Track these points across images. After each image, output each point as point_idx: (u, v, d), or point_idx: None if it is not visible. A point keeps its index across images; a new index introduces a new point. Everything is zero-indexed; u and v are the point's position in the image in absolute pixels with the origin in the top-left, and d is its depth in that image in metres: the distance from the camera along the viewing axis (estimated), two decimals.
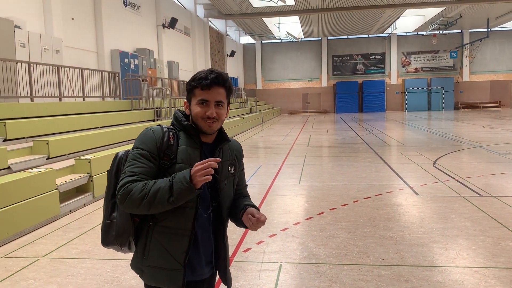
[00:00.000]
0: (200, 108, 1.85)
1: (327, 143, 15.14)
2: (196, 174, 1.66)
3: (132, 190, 1.70)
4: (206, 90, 1.84)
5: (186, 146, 1.85)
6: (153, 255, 1.83)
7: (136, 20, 18.45)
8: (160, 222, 1.82)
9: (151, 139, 1.81)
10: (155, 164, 1.79)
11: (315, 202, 6.61)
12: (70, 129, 9.22)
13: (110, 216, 1.87)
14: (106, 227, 1.88)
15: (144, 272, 1.86)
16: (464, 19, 31.55)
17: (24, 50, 10.38)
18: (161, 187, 1.69)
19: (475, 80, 38.26)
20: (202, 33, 27.92)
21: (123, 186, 1.73)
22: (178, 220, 1.81)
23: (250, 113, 26.92)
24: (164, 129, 1.86)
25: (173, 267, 1.82)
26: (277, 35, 36.69)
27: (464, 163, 9.88)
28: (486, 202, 6.19)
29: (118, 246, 1.87)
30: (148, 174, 1.77)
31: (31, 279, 4.01)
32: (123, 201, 1.72)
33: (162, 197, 1.68)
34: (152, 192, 1.68)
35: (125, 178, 1.75)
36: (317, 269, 4.02)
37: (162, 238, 1.82)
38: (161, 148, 1.80)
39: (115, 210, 1.86)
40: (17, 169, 6.45)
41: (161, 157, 1.80)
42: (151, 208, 1.71)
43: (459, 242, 4.62)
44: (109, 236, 1.86)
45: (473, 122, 22.19)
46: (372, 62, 39.54)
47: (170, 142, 1.82)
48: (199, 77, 1.85)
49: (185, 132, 1.88)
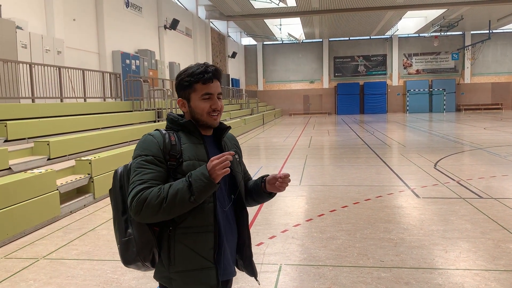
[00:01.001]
0: (205, 103, 1.82)
1: (328, 145, 15.13)
2: (215, 168, 1.63)
3: (147, 198, 1.65)
4: (209, 83, 1.82)
5: (189, 143, 1.82)
6: (180, 259, 1.77)
7: (138, 21, 18.48)
8: (180, 224, 1.76)
9: (153, 144, 1.77)
10: (163, 168, 1.75)
11: (316, 203, 6.61)
12: (71, 130, 9.24)
13: (126, 233, 1.79)
14: (125, 246, 1.78)
15: (173, 279, 1.78)
16: (466, 21, 31.54)
17: (25, 51, 10.41)
18: (179, 188, 1.65)
19: (477, 82, 38.23)
20: (204, 34, 27.95)
21: (136, 196, 1.66)
22: (198, 217, 1.76)
23: (251, 114, 26.93)
24: (162, 132, 1.84)
25: (204, 266, 1.77)
26: (279, 36, 36.73)
27: (465, 165, 9.87)
28: (486, 204, 6.18)
29: (142, 262, 1.78)
30: (158, 179, 1.72)
31: (31, 280, 4.01)
32: (139, 211, 1.66)
33: (182, 198, 1.64)
34: (171, 195, 1.64)
35: (135, 188, 1.68)
36: (317, 271, 4.02)
37: (186, 240, 1.76)
38: (165, 150, 1.76)
39: (130, 225, 1.78)
40: (17, 170, 6.47)
41: (167, 159, 1.76)
42: (172, 212, 1.67)
43: (460, 244, 4.61)
44: (130, 253, 1.77)
45: (474, 124, 22.17)
46: (373, 64, 39.55)
47: (173, 142, 1.79)
48: (197, 72, 1.81)
49: (184, 130, 1.86)
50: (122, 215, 1.80)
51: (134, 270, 1.92)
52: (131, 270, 4.10)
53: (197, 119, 1.86)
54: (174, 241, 1.77)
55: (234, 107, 26.45)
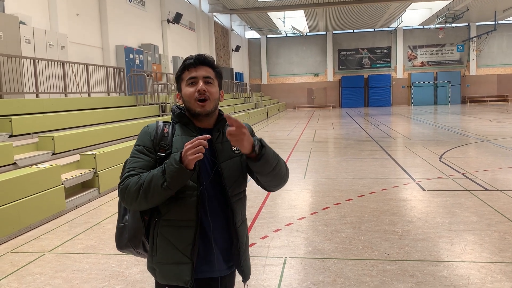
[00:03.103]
0: (190, 88, 1.80)
1: (332, 138, 15.09)
2: (187, 153, 1.60)
3: (129, 185, 1.69)
4: (192, 69, 1.81)
5: (181, 135, 1.81)
6: (161, 251, 1.77)
7: (141, 16, 18.44)
8: (164, 216, 1.76)
9: (145, 134, 1.82)
10: (152, 158, 1.78)
11: (320, 197, 6.60)
12: (76, 124, 9.26)
13: (123, 219, 1.87)
14: (120, 231, 1.87)
15: (156, 270, 1.80)
16: (471, 12, 31.25)
17: (29, 46, 10.41)
18: (154, 174, 1.65)
19: (482, 74, 37.95)
20: (207, 28, 27.87)
21: (122, 183, 1.72)
22: (180, 211, 1.74)
23: (255, 108, 26.89)
24: (158, 123, 1.86)
25: (180, 261, 1.74)
26: (282, 29, 36.58)
27: (471, 157, 9.81)
28: (492, 197, 6.14)
29: (133, 248, 1.85)
30: (145, 167, 1.75)
31: (37, 274, 4.03)
32: (123, 197, 1.71)
33: (156, 184, 1.63)
34: (147, 182, 1.65)
35: (124, 175, 1.75)
36: (322, 264, 4.02)
37: (167, 232, 1.76)
38: (155, 141, 1.79)
39: (127, 212, 1.86)
40: (23, 165, 6.49)
41: (157, 150, 1.79)
42: (149, 199, 1.66)
43: (465, 236, 4.59)
44: (123, 239, 1.85)
45: (479, 116, 22.03)
46: (378, 56, 39.33)
47: (164, 133, 1.81)
48: (182, 64, 1.86)
49: (180, 122, 1.86)
50: None
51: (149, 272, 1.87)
52: (136, 264, 4.12)
53: (188, 108, 1.84)
54: (157, 233, 1.78)
55: (238, 101, 26.41)
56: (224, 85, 26.55)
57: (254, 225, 5.26)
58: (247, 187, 1.98)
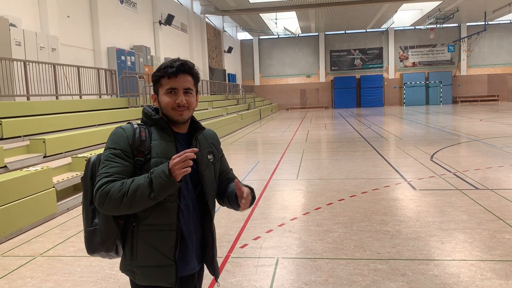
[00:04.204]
0: (169, 98, 1.81)
1: (325, 139, 15.14)
2: (175, 167, 1.62)
3: (110, 191, 1.66)
4: (173, 78, 1.80)
5: (160, 140, 1.81)
6: (142, 254, 1.79)
7: (133, 17, 18.39)
8: (143, 221, 1.78)
9: (122, 138, 1.78)
10: (130, 163, 1.75)
11: (313, 197, 6.62)
12: (67, 127, 9.21)
13: (92, 222, 1.81)
14: (90, 235, 1.81)
15: (135, 273, 1.83)
16: (461, 13, 31.51)
17: (19, 48, 10.34)
18: (140, 184, 1.65)
19: (473, 74, 38.26)
20: (199, 30, 27.84)
21: (100, 188, 1.68)
22: (161, 216, 1.77)
23: (248, 109, 26.89)
24: (134, 126, 1.83)
25: (164, 264, 1.79)
26: (274, 30, 36.64)
27: (462, 156, 9.90)
28: (483, 195, 6.20)
29: (105, 252, 1.82)
30: (124, 173, 1.73)
31: (28, 277, 4.01)
32: (102, 203, 1.68)
33: (142, 194, 1.64)
34: (132, 190, 1.64)
35: (101, 180, 1.70)
36: (314, 263, 4.03)
37: (148, 236, 1.78)
38: (133, 145, 1.76)
39: (96, 215, 1.81)
40: (13, 168, 6.45)
41: (135, 154, 1.76)
42: (132, 207, 1.67)
43: (456, 235, 4.63)
44: (94, 243, 1.80)
45: (470, 116, 22.21)
46: (369, 57, 39.52)
47: (143, 138, 1.79)
48: (164, 66, 1.82)
49: (156, 126, 1.85)
50: (90, 204, 1.81)
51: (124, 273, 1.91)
52: None
53: (164, 114, 1.85)
54: (136, 237, 1.79)
55: (231, 102, 26.40)
56: (217, 87, 26.55)
57: (247, 226, 5.27)
58: None
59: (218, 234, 4.99)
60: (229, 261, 4.17)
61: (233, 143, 14.70)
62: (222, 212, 5.90)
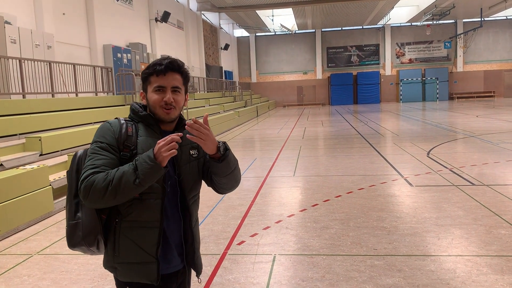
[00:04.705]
0: (157, 95, 1.81)
1: (322, 135, 15.15)
2: (161, 150, 1.63)
3: (95, 181, 1.64)
4: (161, 76, 1.81)
5: (146, 136, 1.81)
6: (124, 251, 1.79)
7: (129, 14, 18.32)
8: (126, 217, 1.78)
9: (109, 132, 1.78)
10: (116, 156, 1.75)
11: (310, 194, 6.63)
12: (63, 125, 9.18)
13: (75, 216, 1.79)
14: (72, 228, 1.79)
15: (117, 269, 1.83)
16: (458, 9, 31.53)
17: (15, 46, 10.29)
18: (125, 171, 1.64)
19: (469, 70, 38.34)
20: (196, 27, 27.77)
21: (85, 179, 1.66)
22: (145, 212, 1.77)
23: (245, 106, 26.88)
24: (121, 121, 1.83)
25: (146, 260, 1.79)
26: (271, 27, 36.58)
27: (458, 153, 9.93)
28: (479, 191, 6.23)
29: (86, 246, 1.79)
30: (110, 165, 1.72)
31: (25, 275, 4.00)
32: (87, 195, 1.65)
33: (127, 181, 1.63)
34: (117, 178, 1.63)
35: (86, 172, 1.69)
36: (311, 260, 4.04)
37: (131, 233, 1.78)
38: (120, 140, 1.77)
39: (80, 209, 1.79)
40: (9, 166, 6.42)
41: (121, 149, 1.77)
42: (118, 196, 1.65)
43: (452, 231, 4.65)
44: (76, 237, 1.78)
45: (467, 112, 22.27)
46: (366, 54, 39.52)
47: (129, 133, 1.79)
48: (153, 64, 1.83)
49: (143, 122, 1.85)
50: (74, 198, 1.80)
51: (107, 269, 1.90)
52: None
53: (152, 112, 1.85)
54: (119, 233, 1.79)
55: (227, 99, 26.37)
56: (214, 84, 26.51)
57: (244, 223, 5.28)
58: (239, 186, 2.04)
59: (215, 231, 5.00)
60: (226, 258, 4.17)
61: (230, 140, 14.69)
62: (219, 210, 5.91)
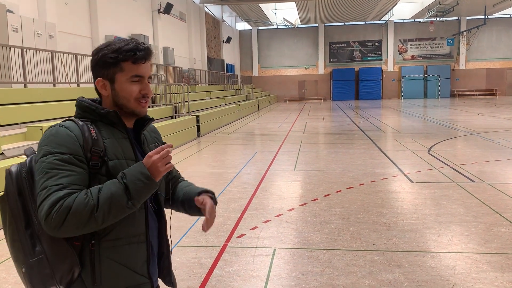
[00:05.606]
0: (134, 86, 1.52)
1: (322, 130, 15.15)
2: (157, 164, 1.39)
3: (71, 207, 1.30)
4: (140, 63, 1.51)
5: (113, 138, 1.50)
6: (109, 278, 1.46)
7: (131, 5, 18.25)
8: (105, 236, 1.44)
9: (69, 138, 1.41)
10: (83, 169, 1.40)
11: (310, 188, 6.63)
12: (64, 115, 9.14)
13: (34, 251, 1.39)
14: (33, 268, 1.39)
15: None
16: (462, 6, 31.40)
17: (17, 35, 10.25)
18: (113, 192, 1.35)
19: (472, 68, 38.26)
20: (198, 19, 27.66)
21: (55, 205, 1.30)
22: (129, 226, 1.48)
23: (246, 100, 26.84)
24: (79, 123, 1.47)
25: (139, 282, 1.52)
26: (274, 21, 36.45)
27: (459, 150, 9.92)
28: (479, 189, 6.23)
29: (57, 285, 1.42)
30: (80, 182, 1.38)
31: None
32: (60, 225, 1.30)
33: (119, 204, 1.35)
34: (104, 202, 1.33)
35: (52, 195, 1.32)
36: (311, 254, 4.05)
37: (115, 254, 1.46)
38: (86, 147, 1.42)
39: (37, 242, 1.40)
40: (10, 155, 6.42)
41: (89, 158, 1.42)
42: (104, 222, 1.35)
43: (452, 228, 4.65)
44: (41, 277, 1.40)
45: (468, 110, 22.24)
46: (368, 49, 39.42)
47: (94, 136, 1.45)
48: (127, 48, 1.49)
49: (103, 121, 1.52)
50: (26, 228, 1.41)
51: None
52: None
53: (121, 105, 1.53)
54: (99, 257, 1.44)
55: (229, 92, 26.33)
56: (215, 77, 26.46)
57: (244, 216, 5.28)
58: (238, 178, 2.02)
59: (215, 224, 4.99)
60: (227, 251, 4.18)
61: (230, 133, 14.68)
62: (219, 202, 5.90)
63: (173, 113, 13.89)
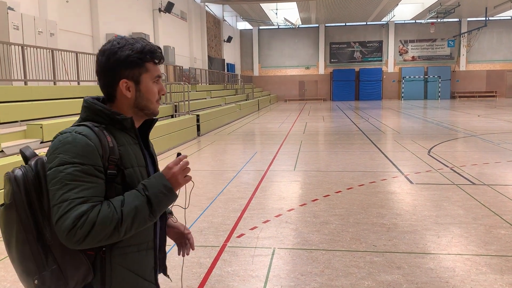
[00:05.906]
0: (154, 87, 1.52)
1: (322, 131, 15.14)
2: (177, 177, 1.40)
3: (96, 221, 1.28)
4: (158, 64, 1.53)
5: (126, 145, 1.47)
6: (118, 284, 1.45)
7: (132, 4, 18.23)
8: (117, 244, 1.42)
9: (89, 148, 1.35)
10: (103, 179, 1.38)
11: (310, 188, 6.63)
12: (65, 113, 9.15)
13: (47, 263, 1.35)
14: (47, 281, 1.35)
15: None
16: (463, 8, 31.40)
17: (17, 32, 10.24)
18: (137, 205, 1.34)
19: (472, 69, 38.26)
20: (199, 18, 27.65)
21: (80, 219, 1.27)
22: (139, 234, 1.46)
23: (246, 99, 26.83)
24: (95, 129, 1.41)
25: None
26: (275, 21, 36.44)
27: (459, 152, 9.92)
28: (479, 191, 6.23)
29: None
30: (100, 194, 1.36)
31: None
32: (83, 238, 1.27)
33: (141, 217, 1.35)
34: (128, 215, 1.32)
35: (75, 208, 1.28)
36: (310, 254, 4.05)
37: (125, 261, 1.45)
38: (104, 156, 1.38)
39: (49, 254, 1.35)
40: (10, 152, 6.42)
41: (106, 167, 1.39)
42: (126, 234, 1.35)
43: (452, 229, 4.65)
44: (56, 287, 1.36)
45: (468, 111, 22.24)
46: (369, 50, 39.41)
47: (110, 144, 1.41)
48: (149, 49, 1.48)
49: (116, 126, 1.47)
50: (37, 240, 1.34)
51: None
52: None
53: (143, 106, 1.51)
54: (110, 265, 1.42)
55: (229, 92, 26.32)
56: (216, 76, 26.45)
57: (244, 216, 5.28)
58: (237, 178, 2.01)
59: (215, 223, 5.01)
60: (226, 250, 4.18)
61: (230, 133, 14.68)
62: (219, 202, 5.91)
63: (173, 112, 13.88)
